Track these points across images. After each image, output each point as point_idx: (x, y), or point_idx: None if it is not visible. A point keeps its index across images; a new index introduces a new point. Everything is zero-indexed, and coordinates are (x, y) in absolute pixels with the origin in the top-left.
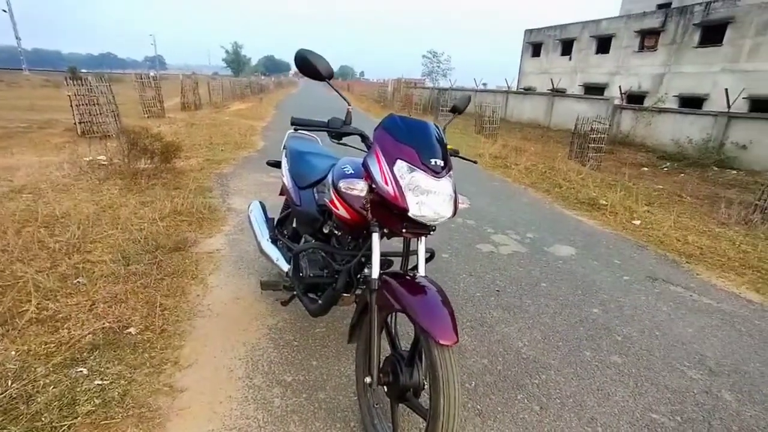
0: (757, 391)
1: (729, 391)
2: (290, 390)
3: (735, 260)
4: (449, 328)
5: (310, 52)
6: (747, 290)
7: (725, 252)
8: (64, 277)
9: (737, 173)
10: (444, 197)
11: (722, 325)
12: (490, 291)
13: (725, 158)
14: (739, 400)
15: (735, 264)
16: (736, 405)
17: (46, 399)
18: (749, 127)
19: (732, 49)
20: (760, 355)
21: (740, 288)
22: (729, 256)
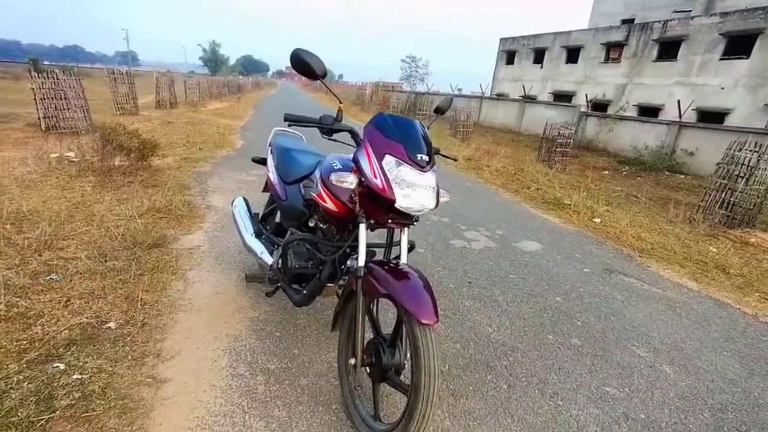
0: (691, 365)
1: (669, 365)
2: (273, 377)
3: (679, 254)
4: (431, 309)
5: (306, 52)
6: (688, 280)
7: (672, 247)
8: (36, 274)
9: (685, 177)
10: (428, 190)
11: (666, 310)
12: (463, 283)
13: (676, 164)
14: (676, 372)
15: (679, 258)
16: (674, 376)
17: (20, 395)
18: (696, 136)
19: (685, 65)
20: (695, 334)
21: (682, 278)
22: (675, 251)
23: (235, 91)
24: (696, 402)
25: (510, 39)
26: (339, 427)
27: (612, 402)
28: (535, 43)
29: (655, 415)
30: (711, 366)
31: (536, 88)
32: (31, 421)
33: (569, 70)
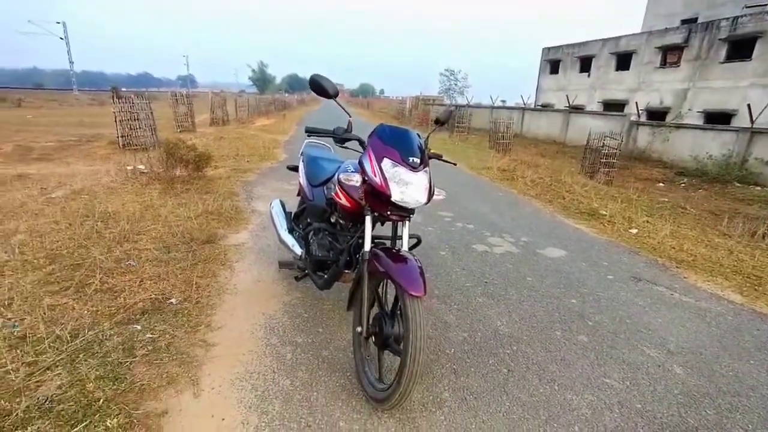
0: (706, 368)
1: (680, 366)
2: (300, 348)
3: (727, 267)
4: (420, 285)
5: (320, 77)
6: (731, 293)
7: (719, 260)
8: (118, 260)
9: (761, 189)
10: (420, 187)
11: (693, 318)
12: (479, 282)
13: (749, 174)
14: (687, 373)
15: (726, 270)
16: (684, 376)
17: (112, 344)
18: None
19: (762, 64)
20: (721, 342)
21: (725, 291)
22: (722, 264)
23: (281, 108)
24: (702, 401)
25: (553, 48)
26: (350, 389)
27: (609, 391)
28: (581, 50)
29: (652, 406)
30: (730, 371)
31: (583, 98)
32: (120, 362)
33: (619, 78)
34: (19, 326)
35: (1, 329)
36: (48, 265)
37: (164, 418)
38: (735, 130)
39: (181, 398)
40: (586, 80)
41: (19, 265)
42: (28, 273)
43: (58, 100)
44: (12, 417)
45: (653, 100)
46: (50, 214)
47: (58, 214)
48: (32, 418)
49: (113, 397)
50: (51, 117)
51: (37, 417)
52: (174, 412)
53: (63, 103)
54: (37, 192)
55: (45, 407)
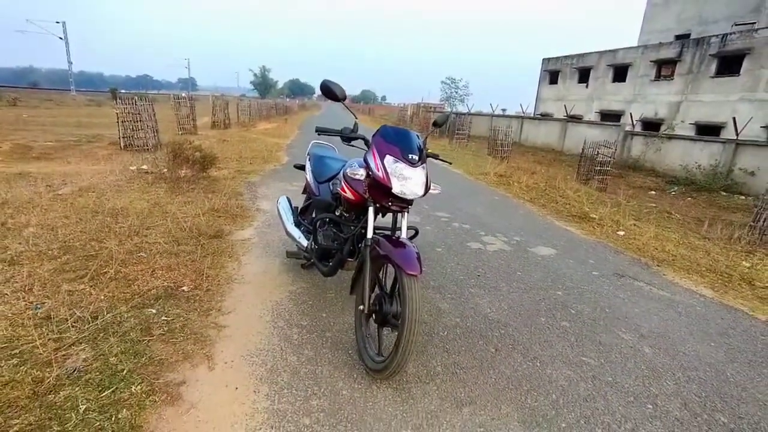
0: (672, 349)
1: (649, 347)
2: (305, 330)
3: (703, 266)
4: (416, 265)
5: (331, 82)
6: (704, 288)
7: (697, 260)
8: (130, 252)
9: (745, 198)
10: (418, 181)
11: (666, 309)
12: (472, 275)
13: (734, 183)
14: (654, 353)
15: (702, 269)
16: (651, 355)
17: (130, 325)
18: (757, 154)
19: (750, 79)
20: (688, 328)
21: (698, 286)
22: (699, 263)
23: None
24: (664, 375)
25: (553, 59)
26: (352, 364)
27: (585, 367)
28: (580, 62)
29: (621, 379)
30: (692, 351)
31: (581, 108)
32: (139, 339)
33: (616, 89)
34: (41, 307)
35: (25, 311)
36: (62, 256)
37: (183, 386)
38: (722, 141)
39: (197, 371)
40: (584, 91)
41: (35, 255)
42: (43, 262)
43: (55, 100)
44: (45, 383)
45: (648, 112)
46: (59, 209)
47: (67, 209)
48: (63, 384)
49: (135, 369)
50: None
51: (67, 384)
52: (191, 382)
53: (60, 103)
54: (43, 189)
55: (74, 376)
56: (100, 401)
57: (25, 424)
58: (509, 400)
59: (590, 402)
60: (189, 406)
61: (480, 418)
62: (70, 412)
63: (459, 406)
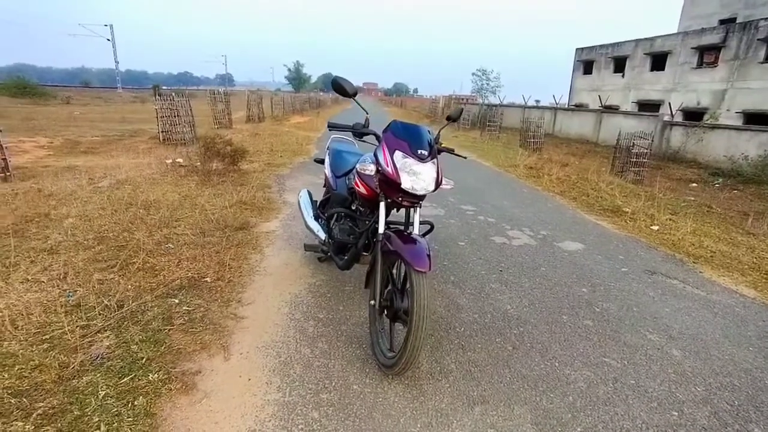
0: (704, 352)
1: (679, 350)
2: (321, 323)
3: (746, 264)
4: (425, 261)
5: (341, 78)
6: (745, 287)
7: (738, 257)
8: (159, 243)
9: None
10: (428, 176)
11: (701, 309)
12: (494, 270)
13: None
14: (684, 355)
15: (744, 267)
16: (680, 358)
17: (153, 314)
18: None
19: None
20: (724, 331)
21: (739, 285)
22: (741, 260)
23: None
24: (693, 380)
25: (587, 49)
26: (365, 358)
27: (606, 369)
28: (615, 51)
29: (645, 383)
30: (727, 356)
31: (617, 98)
32: (160, 328)
33: (655, 78)
34: (73, 296)
35: (59, 298)
36: (96, 246)
37: (198, 376)
38: None
39: (213, 361)
40: (620, 80)
41: (72, 245)
42: (79, 252)
43: (103, 98)
44: (70, 369)
45: (690, 101)
46: (97, 201)
47: (104, 201)
48: (86, 370)
49: (154, 357)
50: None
51: (90, 370)
52: (206, 371)
53: (108, 100)
54: (85, 182)
55: (97, 362)
56: (119, 388)
57: (49, 407)
58: (523, 400)
59: (610, 406)
60: (202, 395)
61: (491, 418)
62: (91, 397)
63: (471, 405)
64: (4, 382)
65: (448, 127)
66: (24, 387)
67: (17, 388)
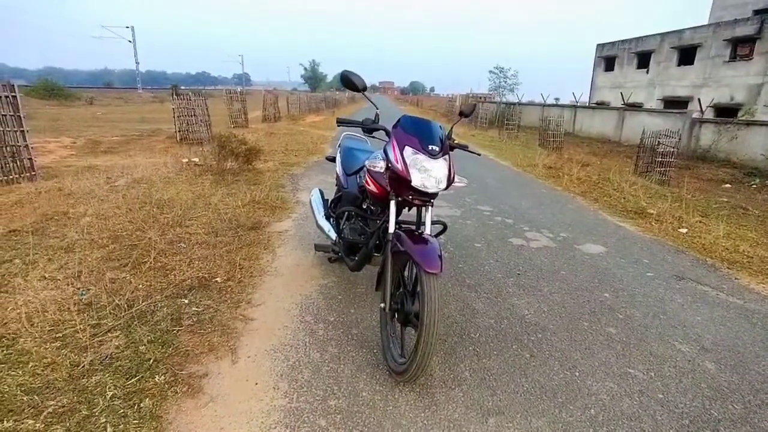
0: (742, 366)
1: (712, 362)
2: (331, 326)
3: None
4: (436, 263)
5: (351, 72)
6: None
7: None
8: (171, 242)
9: None
10: (439, 173)
11: (736, 318)
12: (511, 274)
13: None
14: (719, 369)
15: None
16: (715, 371)
17: (163, 314)
18: None
19: None
20: (765, 343)
21: None
22: None
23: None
24: (731, 396)
25: (608, 44)
26: (376, 364)
27: (631, 381)
28: (639, 46)
29: (674, 398)
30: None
31: (641, 95)
32: (169, 329)
33: (682, 73)
34: (86, 294)
35: (72, 296)
36: (110, 244)
37: (204, 379)
38: None
39: (221, 364)
40: (644, 77)
41: (87, 244)
42: (94, 250)
43: (124, 98)
44: (80, 368)
45: (722, 97)
46: (113, 200)
47: (120, 200)
48: (95, 370)
49: (162, 359)
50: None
51: (99, 369)
52: (213, 374)
53: (128, 100)
54: (103, 181)
55: (106, 362)
56: (127, 389)
57: (59, 406)
58: (541, 412)
59: (635, 421)
60: (208, 399)
61: (507, 430)
62: (99, 398)
63: (485, 416)
64: (18, 380)
65: (465, 126)
66: (37, 385)
67: (30, 385)
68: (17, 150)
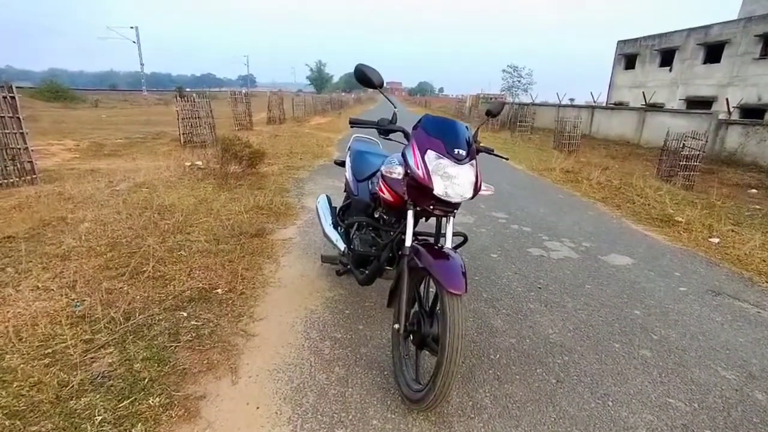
0: None
1: (763, 393)
2: (338, 344)
3: None
4: (460, 282)
5: (366, 66)
6: None
7: None
8: (171, 249)
9: None
10: (465, 180)
11: None
12: (532, 288)
13: None
14: None
15: None
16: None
17: (160, 328)
18: None
19: None
20: None
21: None
22: None
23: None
24: None
25: (630, 41)
26: (387, 387)
27: (672, 413)
28: (662, 42)
29: None
30: None
31: (663, 95)
32: (166, 345)
33: (707, 72)
34: (80, 305)
35: (66, 308)
36: (108, 252)
37: (202, 401)
38: None
39: (220, 384)
40: (666, 75)
41: (84, 251)
42: (91, 258)
43: (129, 100)
44: (68, 388)
45: (750, 96)
46: (113, 205)
47: (120, 205)
48: (86, 390)
49: (157, 378)
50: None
51: (90, 390)
52: (212, 396)
53: (133, 103)
54: (104, 185)
55: (97, 382)
56: (118, 412)
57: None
58: None
59: None
60: (205, 425)
61: None
62: (86, 423)
63: None
64: (1, 401)
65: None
66: (20, 407)
67: (13, 408)
68: (17, 153)
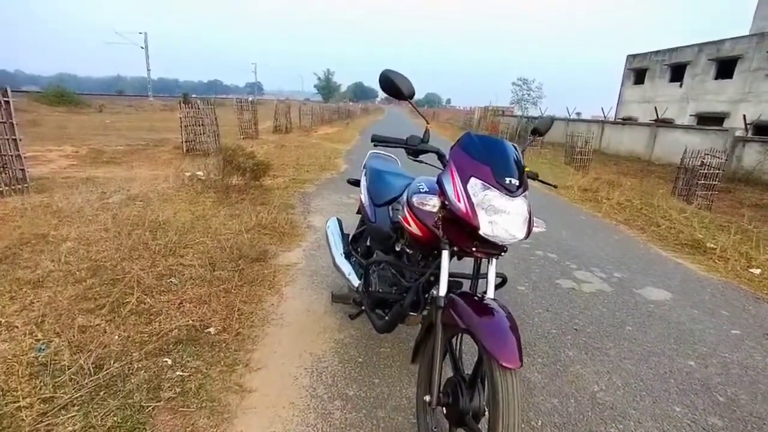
0: None
1: None
2: (351, 404)
3: None
4: (514, 352)
5: (395, 73)
6: None
7: None
8: (161, 276)
9: None
10: (517, 217)
11: None
12: (567, 329)
13: None
14: None
15: None
16: None
17: (137, 381)
18: None
19: None
20: None
21: None
22: None
23: (345, 117)
24: None
25: (639, 55)
26: None
27: None
28: (673, 57)
29: None
30: None
31: (673, 111)
32: (142, 405)
33: (719, 87)
34: (45, 349)
35: (29, 351)
36: (89, 278)
37: None
38: None
39: None
40: (677, 91)
41: (62, 276)
42: (68, 286)
43: (135, 106)
44: None
45: (764, 113)
46: (102, 220)
47: (109, 221)
48: None
49: None
50: (126, 122)
51: None
52: None
53: (139, 108)
54: (96, 197)
55: None
56: None
57: None
58: None
59: None
60: None
61: None
62: None
63: None
64: None
65: None
66: None
67: None
68: (9, 160)
